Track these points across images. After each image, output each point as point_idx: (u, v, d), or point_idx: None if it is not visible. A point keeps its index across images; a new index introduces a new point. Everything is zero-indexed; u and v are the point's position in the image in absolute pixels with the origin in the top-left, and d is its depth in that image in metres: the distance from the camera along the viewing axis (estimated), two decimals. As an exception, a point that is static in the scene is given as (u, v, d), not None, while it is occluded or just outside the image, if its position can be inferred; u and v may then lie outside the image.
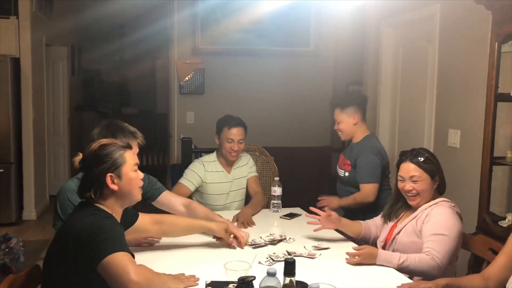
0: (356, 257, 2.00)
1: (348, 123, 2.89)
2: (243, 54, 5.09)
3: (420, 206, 2.16)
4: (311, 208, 2.37)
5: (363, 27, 4.55)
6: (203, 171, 2.92)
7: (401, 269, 1.96)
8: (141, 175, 1.78)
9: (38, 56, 5.42)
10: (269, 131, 5.03)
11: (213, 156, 3.02)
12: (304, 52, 5.23)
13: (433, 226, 2.04)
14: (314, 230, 2.34)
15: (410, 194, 2.15)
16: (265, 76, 5.16)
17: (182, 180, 2.89)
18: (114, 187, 1.68)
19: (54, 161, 6.26)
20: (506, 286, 1.72)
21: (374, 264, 1.99)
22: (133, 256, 1.59)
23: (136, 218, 2.02)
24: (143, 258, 2.00)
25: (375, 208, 2.78)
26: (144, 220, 2.05)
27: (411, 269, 1.96)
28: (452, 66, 3.32)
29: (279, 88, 5.18)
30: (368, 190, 2.78)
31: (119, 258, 1.51)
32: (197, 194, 2.99)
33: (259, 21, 5.03)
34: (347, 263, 2.02)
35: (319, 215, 2.30)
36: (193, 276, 1.80)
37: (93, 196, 1.68)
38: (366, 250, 2.01)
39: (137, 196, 1.77)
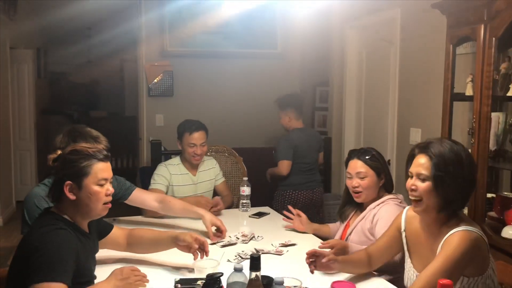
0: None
1: (284, 120, 3.68)
2: (211, 56, 5.12)
3: (367, 204, 2.24)
4: (285, 212, 2.61)
5: (328, 29, 4.65)
6: (168, 173, 2.95)
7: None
8: (109, 191, 1.66)
9: (2, 59, 5.30)
10: (238, 132, 5.08)
11: (177, 159, 3.05)
12: (272, 54, 5.29)
13: (383, 226, 2.04)
14: (285, 227, 2.60)
15: (355, 191, 2.23)
16: (234, 78, 5.20)
17: (153, 185, 2.89)
18: (71, 196, 1.59)
19: (20, 166, 6.12)
20: (405, 283, 1.82)
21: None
22: (69, 284, 1.49)
23: (109, 230, 1.95)
24: (114, 256, 2.02)
25: (285, 180, 3.55)
26: (117, 233, 1.98)
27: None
28: (412, 67, 3.45)
29: (247, 89, 5.23)
30: (280, 166, 3.54)
31: None
32: None
33: (226, 23, 5.06)
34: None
35: (292, 219, 2.56)
36: (145, 276, 1.76)
37: (52, 199, 1.64)
38: (339, 241, 2.10)
39: (98, 211, 1.66)
